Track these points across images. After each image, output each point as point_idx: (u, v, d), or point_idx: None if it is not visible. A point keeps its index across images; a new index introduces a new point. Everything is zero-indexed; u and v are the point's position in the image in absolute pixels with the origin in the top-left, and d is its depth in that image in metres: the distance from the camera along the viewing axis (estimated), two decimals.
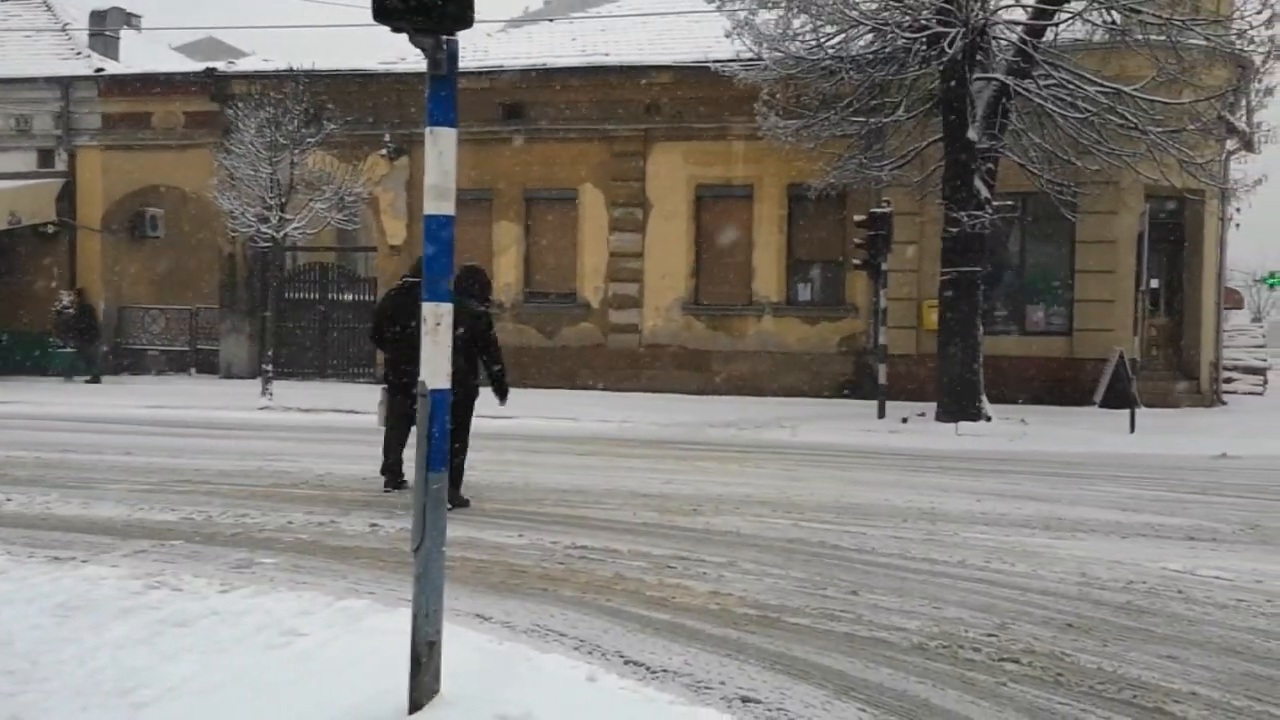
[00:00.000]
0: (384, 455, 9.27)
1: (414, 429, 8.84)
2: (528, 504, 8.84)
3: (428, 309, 3.73)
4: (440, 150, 3.69)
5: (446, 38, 3.60)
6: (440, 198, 3.72)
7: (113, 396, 18.34)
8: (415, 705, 3.67)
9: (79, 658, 4.57)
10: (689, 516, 8.36)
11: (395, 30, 3.55)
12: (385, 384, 9.35)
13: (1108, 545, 7.47)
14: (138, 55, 26.80)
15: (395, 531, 7.48)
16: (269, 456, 11.41)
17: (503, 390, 8.91)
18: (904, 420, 15.30)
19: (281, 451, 11.88)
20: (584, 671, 4.49)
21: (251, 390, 18.22)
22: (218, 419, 15.51)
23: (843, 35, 15.50)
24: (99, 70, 23.71)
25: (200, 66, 24.21)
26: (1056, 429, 14.73)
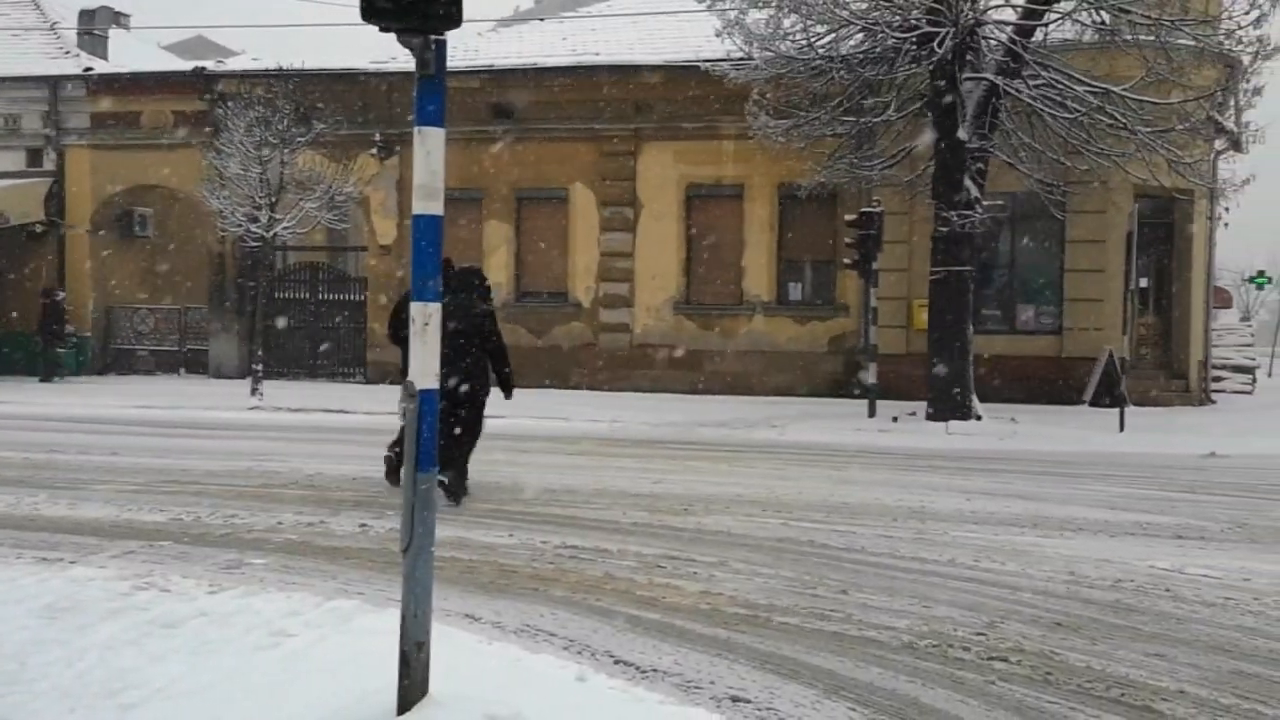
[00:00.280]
0: (390, 448, 9.33)
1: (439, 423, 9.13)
2: (517, 504, 8.84)
3: (415, 309, 3.71)
4: (429, 150, 3.68)
5: (435, 37, 3.58)
6: (429, 197, 3.70)
7: (101, 396, 18.27)
8: (404, 706, 3.66)
9: (66, 659, 4.55)
10: (679, 516, 8.36)
11: (383, 30, 3.53)
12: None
13: (1096, 544, 7.49)
14: (127, 54, 26.67)
15: (385, 532, 7.46)
16: (258, 457, 11.39)
17: (509, 389, 9.06)
18: (894, 419, 15.32)
19: (271, 452, 11.85)
20: (573, 671, 4.48)
21: (241, 390, 18.18)
22: (207, 419, 15.47)
23: (833, 35, 15.52)
24: (88, 69, 23.62)
25: (189, 66, 24.16)
26: (1046, 428, 14.77)
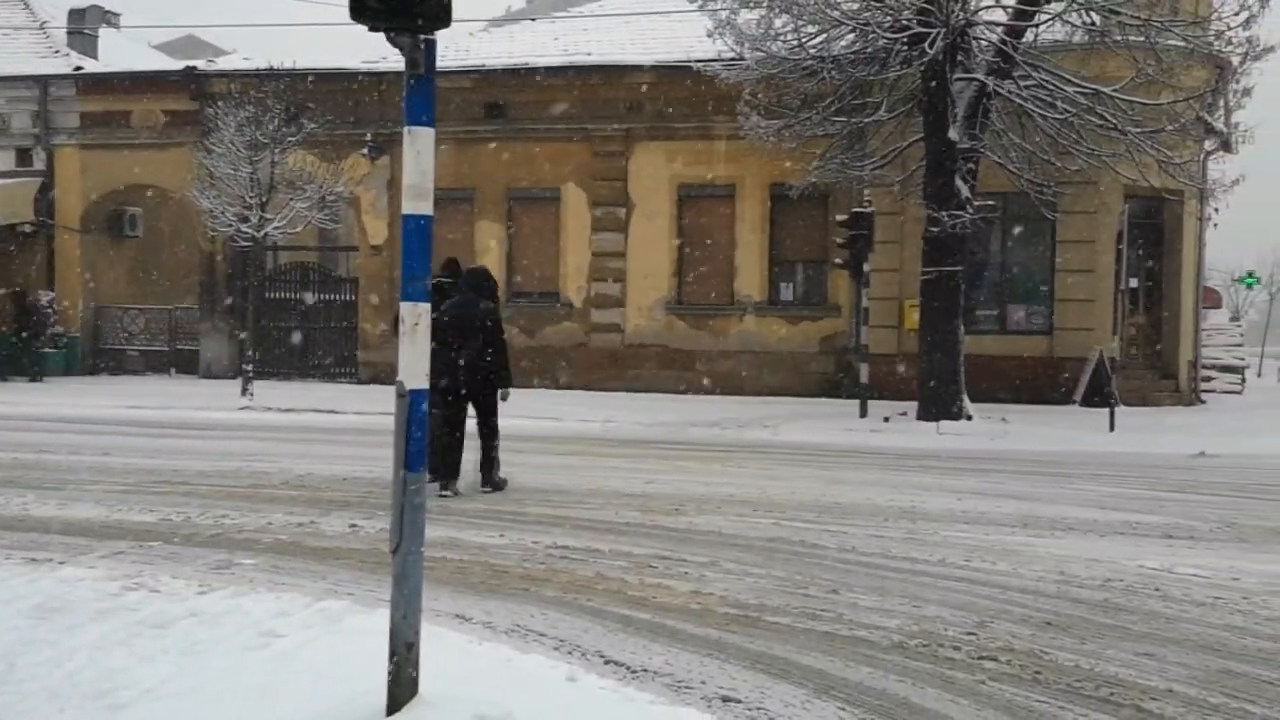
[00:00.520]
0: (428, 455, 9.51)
1: (440, 419, 9.29)
2: (509, 504, 8.83)
3: (405, 309, 3.70)
4: (418, 150, 3.68)
5: (424, 37, 3.57)
6: (418, 197, 3.70)
7: (91, 396, 18.21)
8: (394, 706, 3.65)
9: (56, 659, 4.54)
10: (671, 516, 8.36)
11: (372, 30, 3.52)
12: None
13: (1086, 543, 7.51)
14: (117, 54, 26.61)
15: (375, 532, 7.45)
16: (249, 457, 11.36)
17: (505, 382, 9.46)
18: (885, 419, 15.34)
19: (261, 452, 11.82)
20: (564, 671, 4.48)
21: (231, 390, 18.13)
22: (197, 419, 15.43)
23: (824, 35, 15.54)
24: (77, 69, 23.56)
25: (180, 65, 24.10)
26: (1037, 428, 14.80)
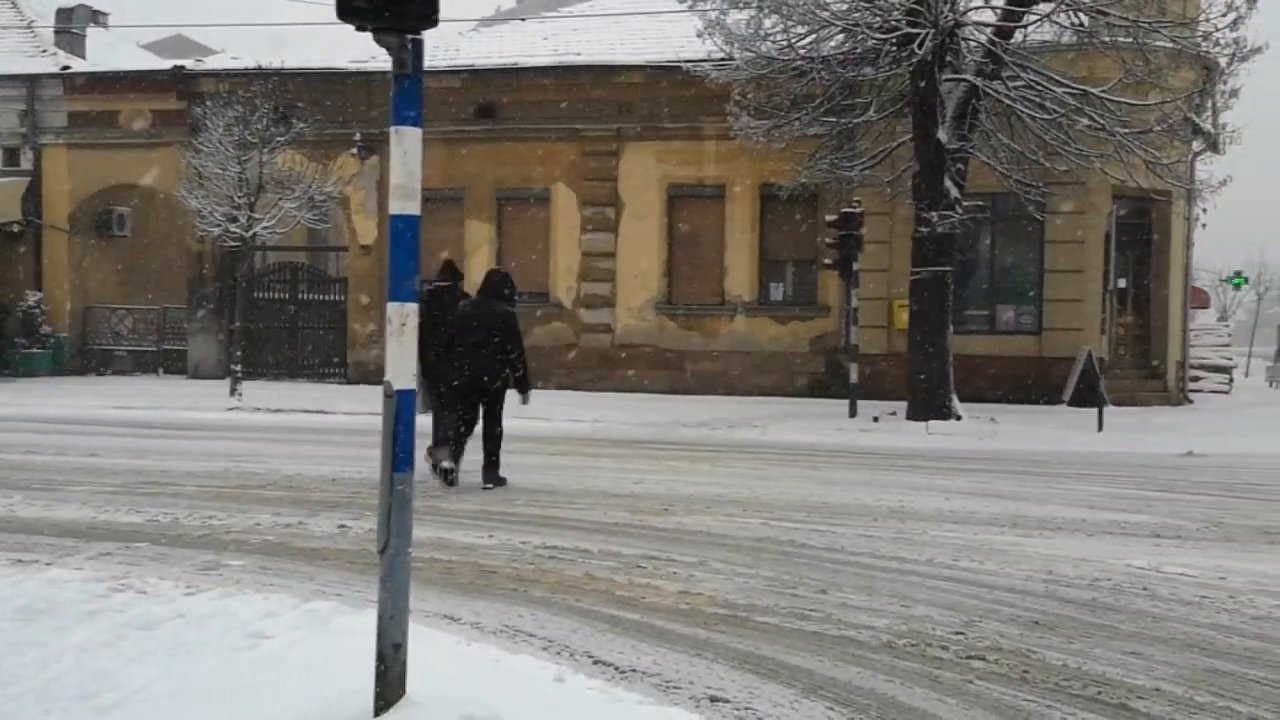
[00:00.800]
0: (431, 447, 9.84)
1: (445, 415, 9.81)
2: (498, 504, 8.82)
3: (392, 310, 3.68)
4: (405, 150, 3.67)
5: (412, 37, 3.57)
6: (405, 197, 3.69)
7: (78, 397, 18.13)
8: (381, 707, 3.64)
9: (42, 661, 4.52)
10: (660, 516, 8.36)
11: (359, 29, 3.51)
12: (420, 375, 10.03)
13: (1074, 543, 7.54)
14: (105, 53, 26.49)
15: (363, 533, 7.43)
16: (237, 458, 11.33)
17: (526, 387, 9.77)
18: (875, 419, 15.37)
19: (249, 453, 11.79)
20: (552, 672, 4.48)
21: (220, 390, 18.08)
22: (185, 420, 15.38)
23: (814, 36, 15.57)
24: (65, 68, 23.46)
25: (168, 64, 24.00)
26: (1026, 427, 14.84)
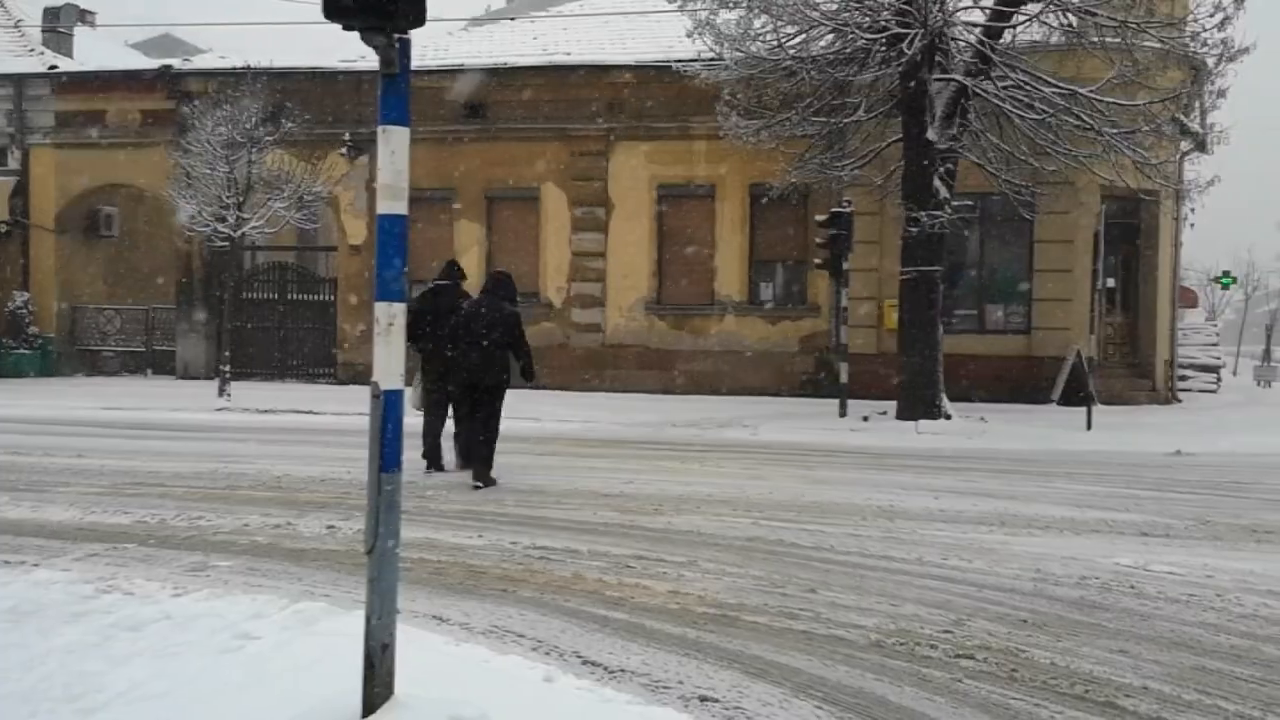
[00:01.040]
0: (423, 441, 10.29)
1: (449, 413, 10.31)
2: (487, 504, 8.81)
3: (380, 309, 3.66)
4: (393, 149, 3.66)
5: (399, 36, 3.56)
6: (393, 197, 3.68)
7: (66, 398, 18.06)
8: (369, 708, 3.63)
9: (27, 663, 4.49)
10: (650, 516, 8.35)
11: (346, 29, 3.50)
12: (420, 372, 10.54)
13: (1063, 541, 7.56)
14: (92, 52, 26.42)
15: (352, 533, 7.41)
16: (225, 458, 11.28)
17: (530, 374, 10.19)
18: (865, 419, 15.38)
19: (238, 453, 11.75)
20: (541, 672, 4.47)
21: (208, 391, 18.02)
22: (173, 420, 15.32)
23: (803, 36, 15.57)
24: (52, 68, 23.38)
25: (156, 64, 23.94)
26: (1015, 427, 14.87)
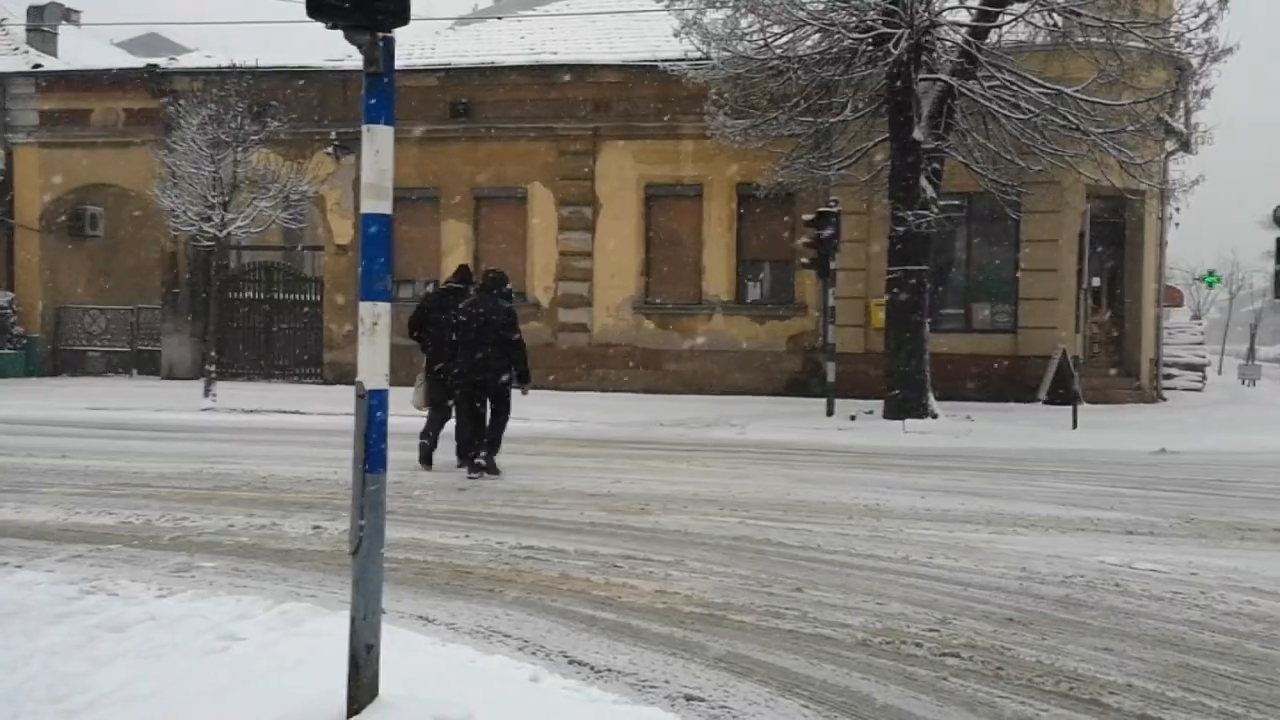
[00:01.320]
0: (421, 436, 10.62)
1: (450, 413, 10.58)
2: (474, 504, 8.80)
3: (364, 309, 3.65)
4: (377, 149, 3.64)
5: (383, 35, 3.54)
6: (377, 196, 3.66)
7: (51, 398, 17.97)
8: (354, 709, 3.62)
9: (10, 665, 4.46)
10: (637, 515, 8.35)
11: (330, 27, 3.48)
12: (425, 371, 10.83)
13: (1048, 540, 7.58)
14: (77, 51, 26.28)
15: (338, 534, 7.39)
16: (211, 459, 11.24)
17: (526, 380, 10.35)
18: (852, 418, 15.41)
19: (224, 454, 11.71)
20: (527, 672, 4.46)
21: (194, 391, 17.94)
22: (159, 421, 15.26)
23: (790, 35, 15.60)
24: (36, 66, 23.26)
25: (141, 63, 23.82)
26: (1001, 425, 14.93)
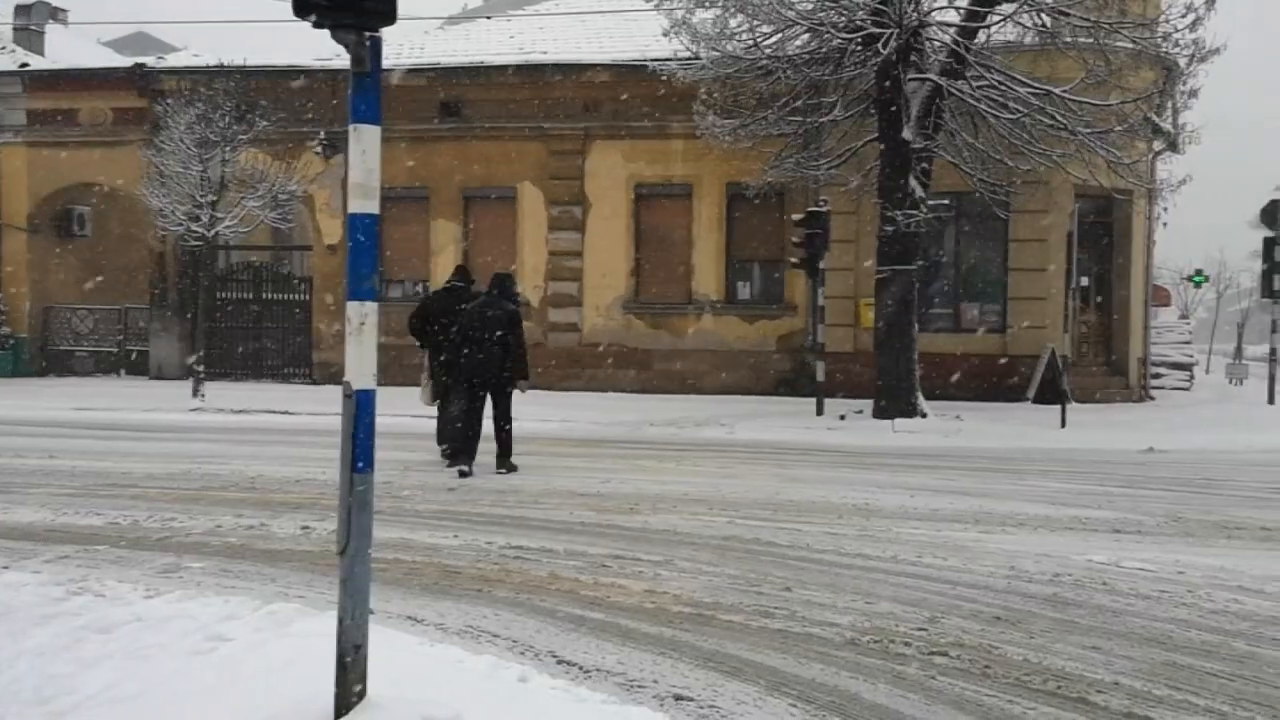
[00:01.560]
0: (439, 434, 11.08)
1: (464, 407, 10.74)
2: (463, 505, 8.79)
3: (352, 309, 3.64)
4: (364, 148, 3.63)
5: (370, 34, 3.53)
6: (364, 196, 3.65)
7: (38, 398, 17.90)
8: (341, 709, 3.62)
9: None
10: (626, 515, 8.35)
11: (316, 26, 3.47)
12: (430, 369, 11.12)
13: (1036, 539, 7.60)
14: (64, 50, 26.21)
15: (327, 534, 7.38)
16: (199, 459, 11.21)
17: (524, 377, 10.59)
18: (841, 417, 15.44)
19: (212, 454, 11.67)
20: (516, 672, 4.45)
21: (182, 392, 17.88)
22: (147, 421, 15.21)
23: (779, 35, 15.62)
24: (23, 65, 23.16)
25: (129, 62, 23.72)
26: (990, 425, 14.96)
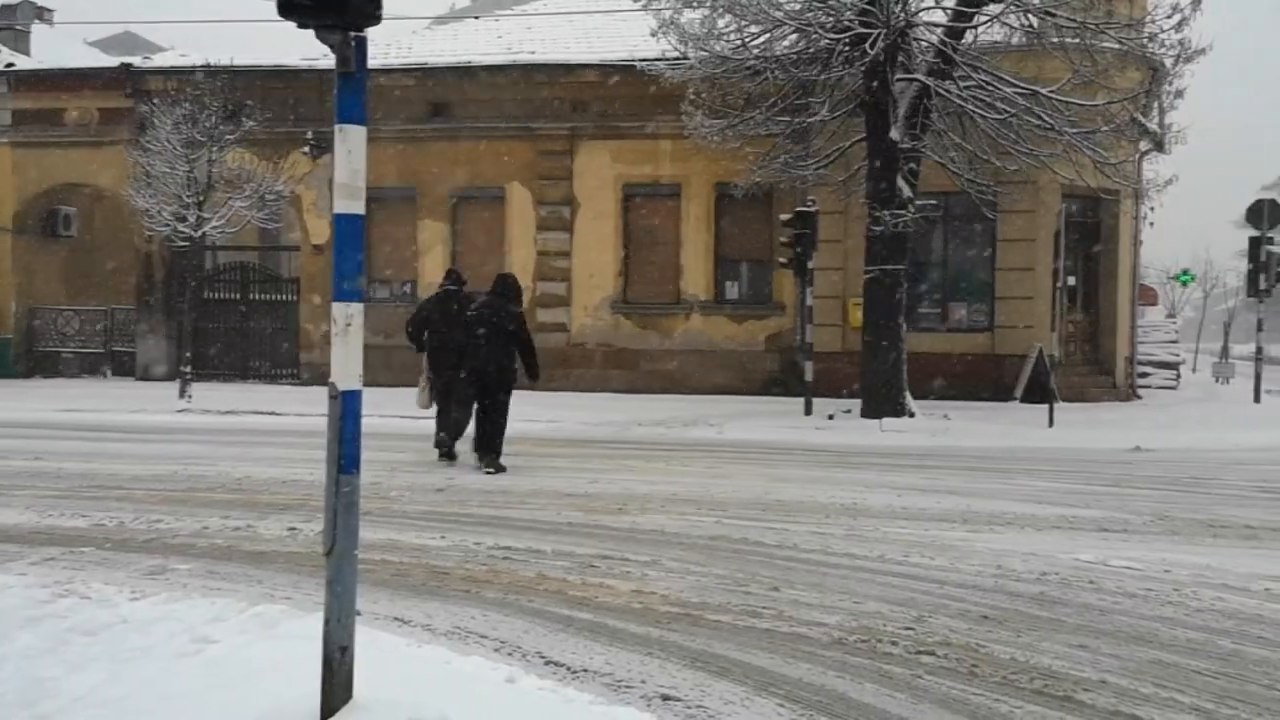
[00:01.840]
0: (436, 432, 11.38)
1: (462, 401, 11.08)
2: (451, 505, 8.77)
3: (337, 309, 3.63)
4: (350, 149, 3.62)
5: (355, 34, 3.52)
6: (350, 197, 3.64)
7: (24, 400, 17.80)
8: (327, 711, 3.61)
9: None
10: (614, 515, 8.35)
11: (301, 26, 3.46)
12: (428, 372, 11.36)
13: (1023, 538, 7.62)
14: (50, 50, 26.06)
15: (314, 535, 7.35)
16: (185, 460, 11.17)
17: (535, 373, 10.97)
18: (830, 417, 15.46)
19: (199, 455, 11.63)
20: (503, 673, 4.45)
21: (169, 393, 17.82)
22: (133, 422, 15.13)
23: (767, 35, 15.63)
24: (9, 65, 23.04)
25: (115, 62, 23.62)
26: (978, 424, 15.00)
